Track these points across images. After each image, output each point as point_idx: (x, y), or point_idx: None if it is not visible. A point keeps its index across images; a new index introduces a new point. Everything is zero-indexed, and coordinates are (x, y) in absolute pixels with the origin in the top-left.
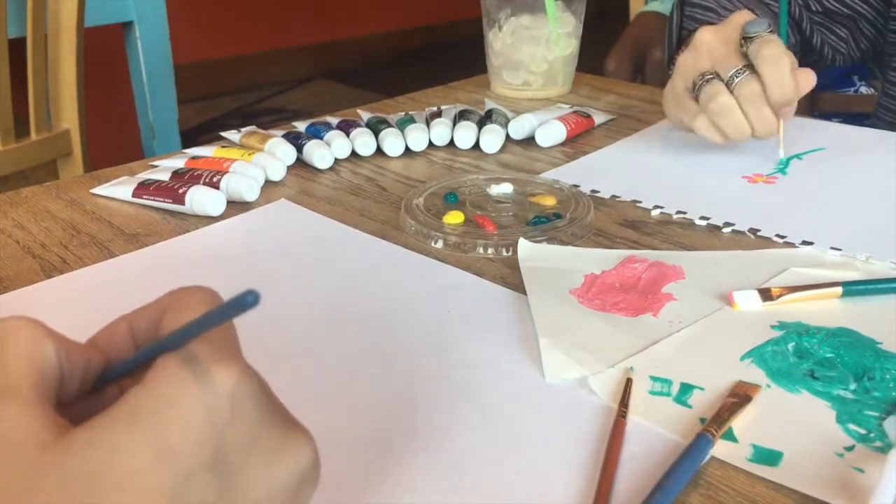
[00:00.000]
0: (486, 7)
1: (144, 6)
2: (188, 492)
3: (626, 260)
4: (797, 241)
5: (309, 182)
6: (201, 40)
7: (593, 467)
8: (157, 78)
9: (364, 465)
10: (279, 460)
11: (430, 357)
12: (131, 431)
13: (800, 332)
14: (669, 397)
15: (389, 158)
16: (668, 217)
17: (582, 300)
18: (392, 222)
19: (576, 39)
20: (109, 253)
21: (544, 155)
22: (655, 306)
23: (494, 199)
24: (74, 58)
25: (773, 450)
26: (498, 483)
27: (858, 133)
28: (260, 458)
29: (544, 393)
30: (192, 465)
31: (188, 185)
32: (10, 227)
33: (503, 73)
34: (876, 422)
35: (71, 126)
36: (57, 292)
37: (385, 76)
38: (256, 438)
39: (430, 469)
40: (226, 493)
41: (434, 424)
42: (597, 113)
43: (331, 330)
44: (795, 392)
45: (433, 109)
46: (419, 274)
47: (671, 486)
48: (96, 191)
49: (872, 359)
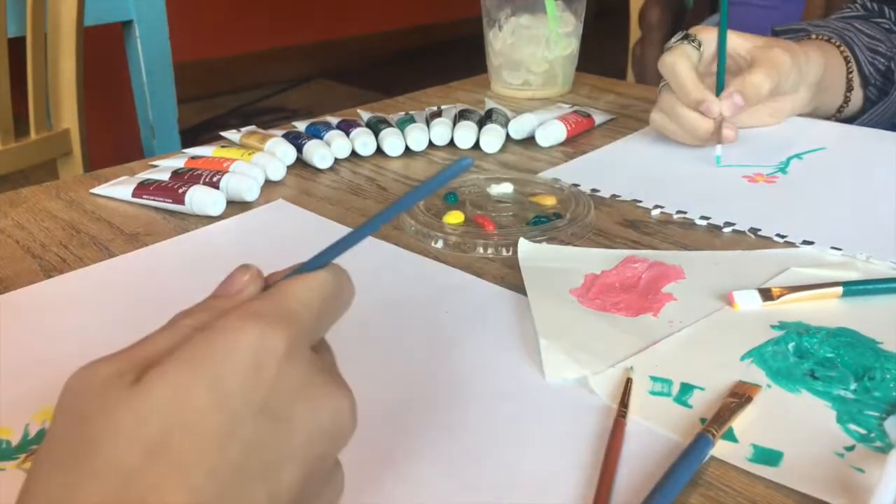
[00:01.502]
0: (486, 7)
1: (144, 5)
2: (241, 430)
3: (627, 260)
4: (798, 241)
5: (309, 182)
6: (201, 39)
7: (593, 467)
8: (157, 77)
9: (364, 466)
10: (321, 408)
11: (429, 357)
12: (194, 374)
13: (800, 332)
14: (669, 397)
15: (389, 158)
16: (669, 217)
17: (582, 300)
18: (392, 222)
19: (576, 39)
20: (109, 253)
21: (544, 155)
22: (655, 306)
23: (494, 199)
24: (74, 57)
25: (774, 450)
26: (498, 483)
27: (858, 133)
28: (304, 405)
29: (544, 393)
30: (243, 407)
31: (188, 185)
32: (9, 226)
33: (503, 73)
34: (876, 422)
35: (71, 125)
36: (57, 292)
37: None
38: (301, 389)
39: (431, 469)
40: (273, 434)
41: (434, 424)
42: (597, 113)
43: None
44: (796, 392)
45: (433, 109)
46: (419, 274)
47: (671, 486)
48: (96, 190)
49: (873, 359)
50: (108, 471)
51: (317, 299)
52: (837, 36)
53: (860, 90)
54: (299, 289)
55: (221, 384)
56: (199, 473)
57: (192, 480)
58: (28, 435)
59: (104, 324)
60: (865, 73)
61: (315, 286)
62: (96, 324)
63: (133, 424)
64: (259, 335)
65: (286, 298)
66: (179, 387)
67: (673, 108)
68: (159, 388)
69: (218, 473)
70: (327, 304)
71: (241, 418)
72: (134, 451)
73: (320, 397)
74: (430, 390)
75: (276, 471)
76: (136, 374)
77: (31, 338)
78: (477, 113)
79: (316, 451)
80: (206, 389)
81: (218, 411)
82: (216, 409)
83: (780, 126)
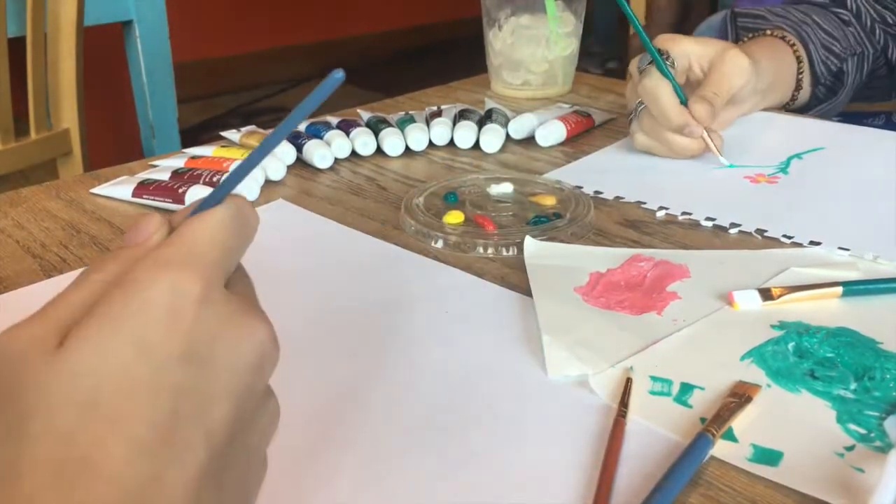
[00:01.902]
0: (486, 7)
1: (144, 5)
2: (168, 378)
3: (632, 258)
4: (805, 242)
5: (309, 182)
6: (201, 39)
7: (593, 467)
8: (157, 77)
9: (364, 466)
10: (240, 343)
11: (429, 357)
12: (114, 332)
13: (800, 332)
14: (670, 397)
15: (389, 158)
16: (674, 218)
17: (586, 298)
18: (392, 222)
19: (576, 39)
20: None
21: (544, 154)
22: (660, 305)
23: (494, 199)
24: (74, 57)
25: (774, 449)
26: (498, 483)
27: (857, 132)
28: (224, 343)
29: (544, 393)
30: (167, 356)
31: (188, 185)
32: (9, 226)
33: (503, 73)
34: (876, 422)
35: (71, 125)
36: (57, 292)
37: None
38: (219, 328)
39: (431, 469)
40: (199, 376)
41: (433, 424)
42: (597, 112)
43: (330, 330)
44: (795, 392)
45: (433, 109)
46: (419, 274)
47: (671, 485)
48: (96, 190)
49: (873, 358)
50: (47, 435)
51: (220, 235)
52: (794, 31)
53: (809, 88)
54: (201, 228)
55: (142, 337)
56: (134, 424)
57: (129, 431)
58: None
59: None
60: (817, 73)
61: (216, 223)
62: None
63: (63, 388)
64: (171, 283)
65: (190, 241)
66: (102, 346)
67: (657, 132)
68: (83, 350)
69: (153, 422)
70: (231, 238)
71: (167, 367)
72: (69, 413)
73: (238, 333)
74: (429, 390)
75: (208, 409)
76: (58, 338)
77: None
78: (477, 113)
79: (243, 384)
80: (129, 345)
81: (143, 364)
82: (141, 362)
83: (778, 126)
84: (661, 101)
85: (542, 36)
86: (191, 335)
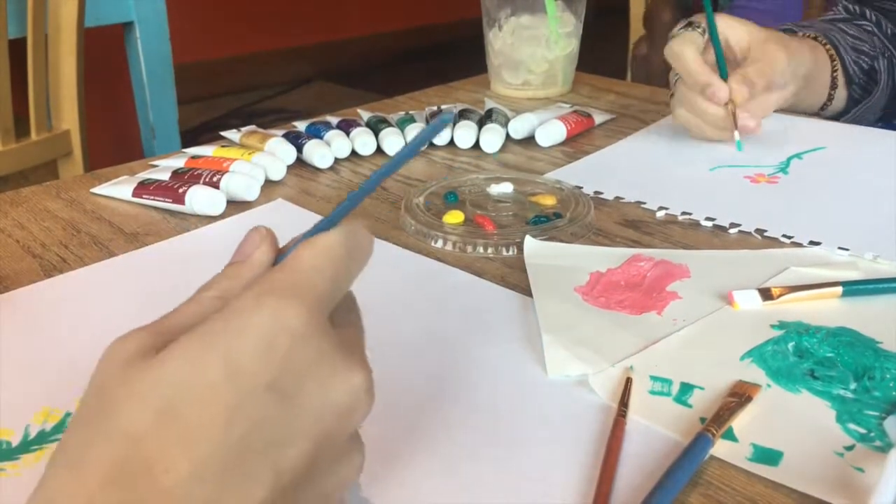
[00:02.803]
0: (486, 7)
1: (145, 6)
2: (248, 406)
3: (633, 258)
4: (804, 241)
5: (309, 181)
6: (201, 40)
7: (593, 467)
8: (157, 78)
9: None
10: (332, 386)
11: (429, 357)
12: (208, 349)
13: (800, 332)
14: (669, 397)
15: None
16: (674, 218)
17: (586, 297)
18: (392, 222)
19: (576, 39)
20: (109, 252)
21: (544, 154)
22: (660, 305)
23: (494, 199)
24: (74, 58)
25: (773, 449)
26: (498, 483)
27: (856, 131)
28: (314, 383)
29: (544, 392)
30: (253, 384)
31: (188, 185)
32: (10, 226)
33: (503, 73)
34: (876, 421)
35: (71, 126)
36: (57, 292)
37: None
38: (313, 367)
39: (431, 469)
40: (281, 412)
41: (433, 424)
42: (597, 112)
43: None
44: (795, 391)
45: (433, 109)
46: (419, 274)
47: (671, 485)
48: (96, 190)
49: (872, 358)
50: (119, 433)
51: (328, 263)
52: (823, 35)
53: (844, 89)
54: (311, 256)
55: (234, 360)
56: (204, 445)
57: (196, 451)
58: (28, 436)
59: (104, 323)
60: (850, 72)
61: (325, 249)
62: (96, 323)
63: (147, 392)
64: (272, 311)
65: (299, 268)
66: (193, 360)
67: (691, 101)
68: (174, 361)
69: (222, 447)
70: (341, 267)
71: (251, 394)
72: (145, 416)
73: (332, 374)
74: (429, 390)
75: (282, 448)
76: (160, 346)
77: (31, 338)
78: (477, 113)
79: (325, 428)
80: (219, 365)
81: (228, 386)
82: (226, 384)
83: (777, 126)
84: (683, 58)
85: (542, 36)
86: (282, 367)
